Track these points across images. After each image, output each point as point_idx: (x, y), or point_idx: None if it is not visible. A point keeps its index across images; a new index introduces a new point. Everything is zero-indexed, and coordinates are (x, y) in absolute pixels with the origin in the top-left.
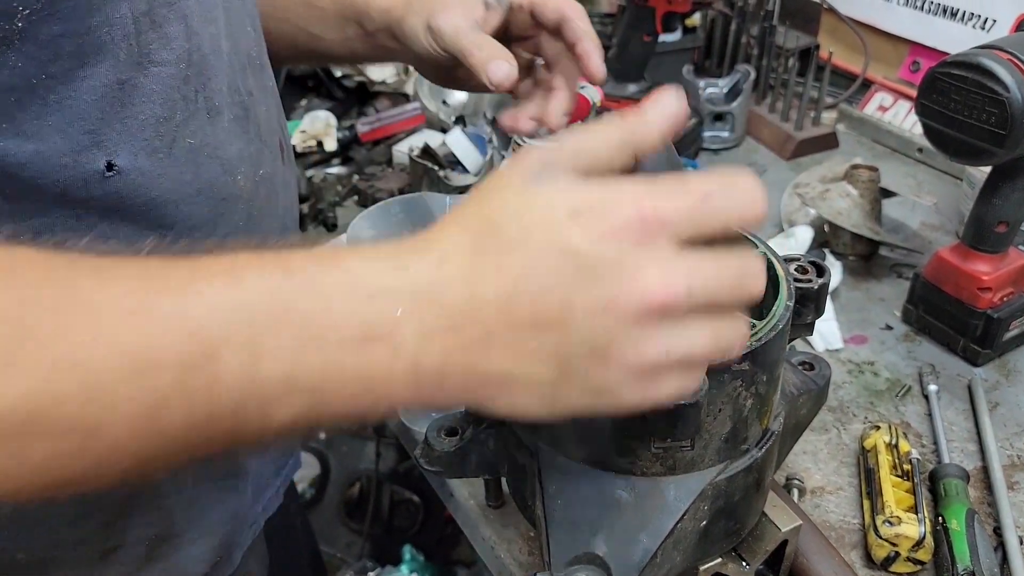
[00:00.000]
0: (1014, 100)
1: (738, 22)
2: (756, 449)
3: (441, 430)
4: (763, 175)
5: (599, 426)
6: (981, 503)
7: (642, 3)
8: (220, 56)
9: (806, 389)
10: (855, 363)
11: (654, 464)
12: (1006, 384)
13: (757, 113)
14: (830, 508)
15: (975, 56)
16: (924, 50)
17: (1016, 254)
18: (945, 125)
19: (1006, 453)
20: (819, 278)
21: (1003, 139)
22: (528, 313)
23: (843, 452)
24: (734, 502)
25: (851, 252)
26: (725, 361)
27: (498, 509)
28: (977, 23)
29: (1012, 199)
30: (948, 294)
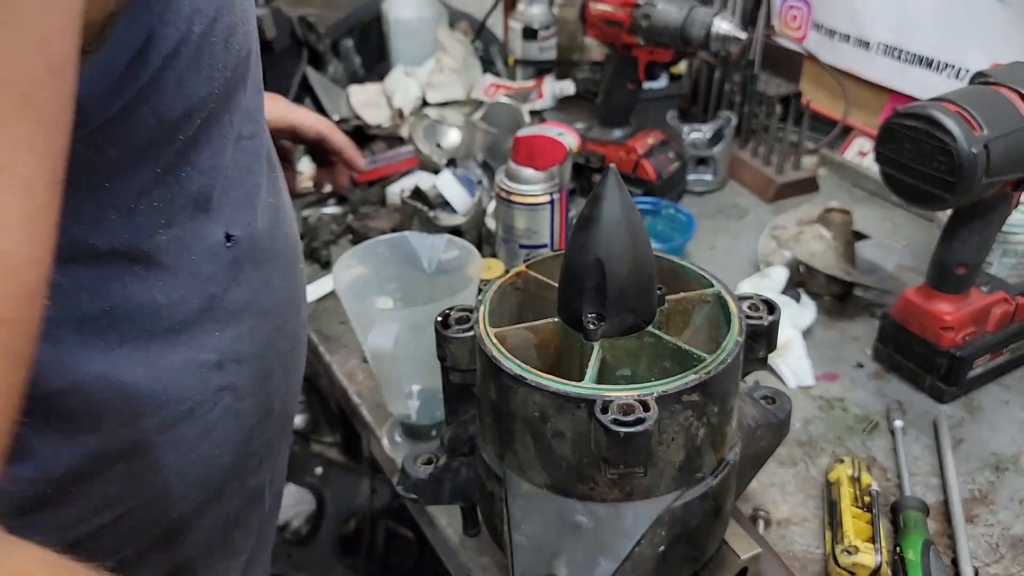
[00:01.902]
0: (961, 150)
1: (722, 70)
2: (712, 478)
3: (417, 459)
4: (745, 217)
5: (560, 453)
6: (941, 535)
7: (626, 53)
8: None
9: (765, 422)
10: (826, 399)
11: (612, 490)
12: (970, 421)
13: (740, 157)
14: (795, 539)
15: (925, 108)
16: (902, 98)
17: (977, 295)
18: (900, 172)
19: (967, 487)
20: (770, 316)
21: (953, 186)
22: None
23: (810, 485)
24: (692, 528)
25: (826, 292)
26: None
27: (474, 537)
28: (951, 73)
29: (970, 243)
30: (914, 333)
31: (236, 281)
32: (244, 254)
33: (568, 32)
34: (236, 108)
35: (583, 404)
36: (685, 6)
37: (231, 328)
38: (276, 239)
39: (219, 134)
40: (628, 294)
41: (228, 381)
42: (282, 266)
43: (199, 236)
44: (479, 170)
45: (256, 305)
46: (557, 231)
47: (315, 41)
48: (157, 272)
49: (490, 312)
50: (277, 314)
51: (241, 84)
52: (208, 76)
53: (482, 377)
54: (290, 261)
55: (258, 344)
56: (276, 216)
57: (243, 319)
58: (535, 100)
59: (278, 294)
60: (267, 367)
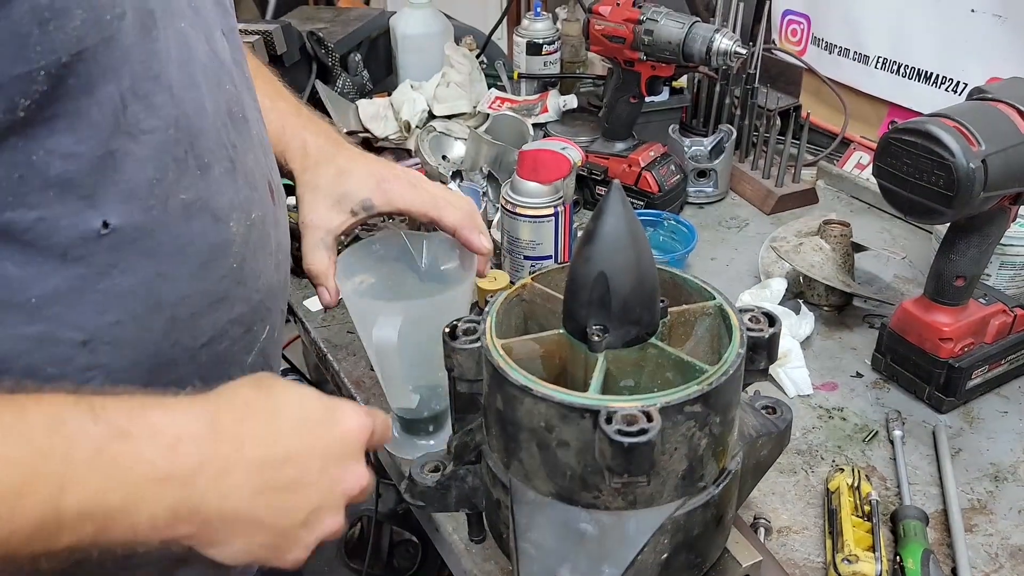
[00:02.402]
0: (959, 165)
1: (722, 84)
2: (713, 487)
3: (424, 466)
4: (745, 228)
5: (565, 462)
6: (940, 544)
7: (628, 68)
8: (205, 116)
9: (766, 431)
10: (825, 409)
11: (616, 499)
12: (969, 431)
13: (740, 170)
14: (796, 547)
15: (924, 123)
16: (901, 111)
17: (976, 306)
18: (898, 186)
19: (966, 497)
20: (770, 328)
21: (951, 200)
22: (283, 474)
23: (810, 494)
24: (694, 536)
25: (825, 303)
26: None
27: (480, 544)
28: (950, 86)
29: (968, 255)
30: (913, 344)
31: (118, 268)
32: (131, 243)
33: (571, 47)
34: (106, 98)
35: (588, 414)
36: (686, 23)
37: (108, 312)
38: (183, 235)
39: (84, 122)
40: (632, 306)
41: (97, 361)
42: (194, 262)
43: (69, 219)
44: (484, 182)
45: (147, 296)
46: (561, 243)
47: (324, 55)
48: (12, 247)
49: (497, 323)
50: (181, 307)
51: (106, 75)
52: (16, 55)
53: (489, 387)
54: (211, 257)
55: (147, 332)
56: (188, 213)
57: (126, 305)
58: (539, 113)
59: (184, 289)
60: (163, 356)
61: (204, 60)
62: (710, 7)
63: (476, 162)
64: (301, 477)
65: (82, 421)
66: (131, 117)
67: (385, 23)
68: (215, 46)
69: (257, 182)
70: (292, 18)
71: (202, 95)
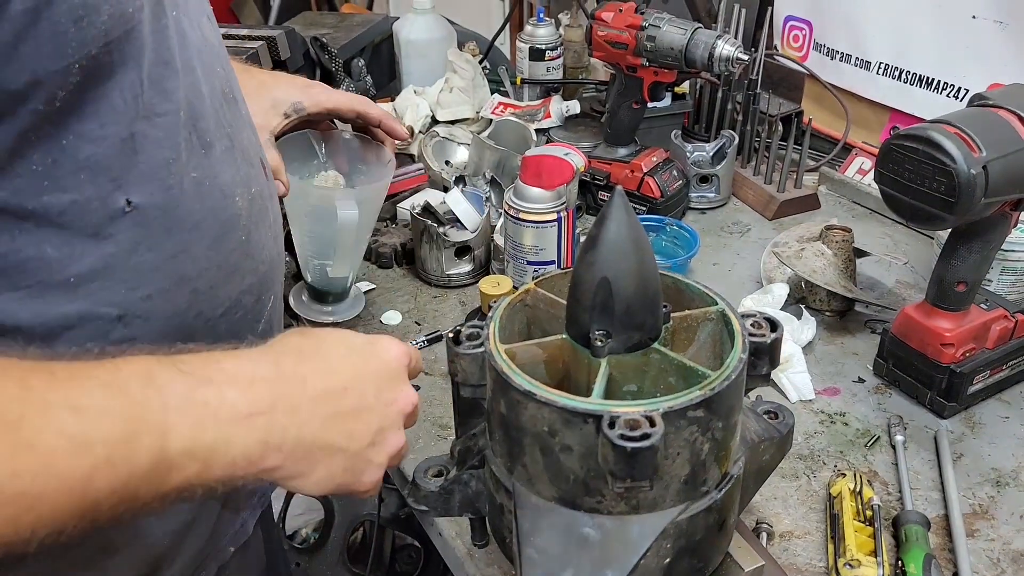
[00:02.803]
0: (960, 171)
1: (724, 90)
2: (716, 491)
3: (428, 471)
4: (747, 234)
5: (568, 467)
6: (942, 549)
7: (630, 73)
8: (203, 99)
9: (768, 436)
10: (827, 414)
11: (619, 503)
12: (971, 436)
13: (742, 175)
14: (798, 551)
15: (925, 130)
16: (903, 116)
17: (977, 312)
18: (900, 192)
19: (968, 502)
20: (772, 333)
21: (952, 206)
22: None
23: (812, 498)
24: (696, 541)
25: (827, 308)
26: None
27: (483, 548)
28: (951, 92)
29: (969, 261)
30: (915, 349)
31: (144, 245)
32: (153, 221)
33: (574, 53)
34: (128, 85)
35: (591, 419)
36: (688, 29)
37: (140, 288)
38: (197, 212)
39: (108, 107)
40: (634, 312)
41: (131, 335)
42: (209, 237)
43: (98, 200)
44: (487, 187)
45: (172, 270)
46: (564, 247)
47: (328, 61)
48: (49, 229)
49: (500, 329)
50: (201, 279)
51: (127, 64)
52: (56, 52)
53: (492, 392)
54: (223, 231)
55: (173, 305)
56: (200, 190)
57: (154, 281)
58: (542, 119)
59: (202, 262)
60: (187, 328)
61: (198, 44)
62: (712, 13)
63: (479, 167)
64: (360, 402)
65: (169, 373)
66: (148, 101)
67: (388, 28)
68: (204, 32)
69: (252, 158)
70: (296, 24)
71: (199, 79)
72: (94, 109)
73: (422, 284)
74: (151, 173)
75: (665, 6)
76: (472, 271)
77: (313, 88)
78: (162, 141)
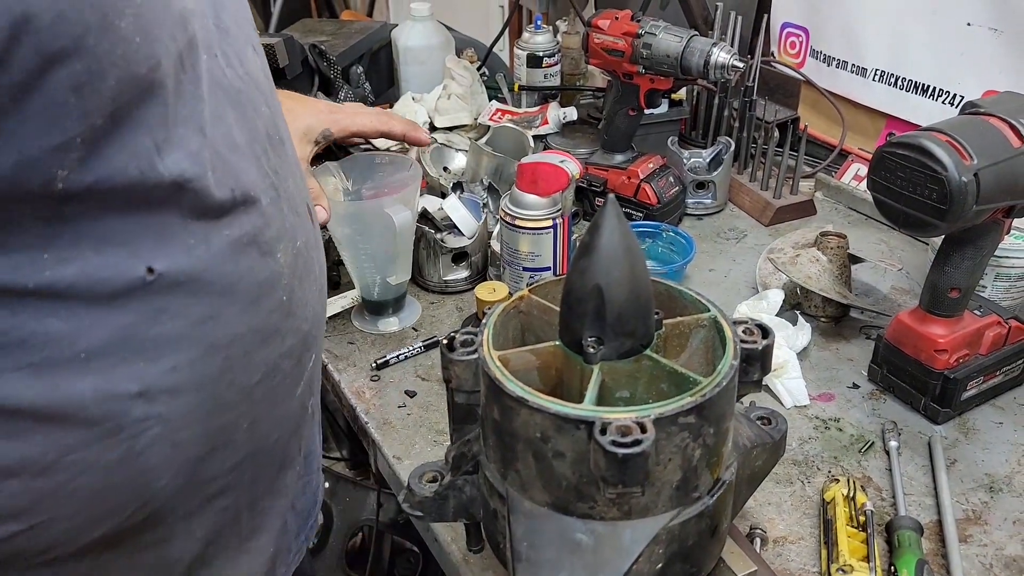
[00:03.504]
0: (952, 179)
1: (721, 97)
2: (708, 497)
3: (423, 477)
4: (743, 240)
5: (561, 473)
6: (935, 555)
7: (627, 81)
8: (238, 150)
9: (761, 442)
10: (822, 419)
11: (611, 509)
12: (964, 442)
13: (738, 181)
14: (791, 557)
15: (917, 138)
16: (899, 123)
17: (971, 318)
18: (893, 199)
19: (961, 508)
20: (764, 340)
21: (944, 213)
22: None
23: (806, 504)
24: (688, 546)
25: (822, 314)
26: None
27: (478, 553)
28: (947, 99)
29: (963, 267)
30: (908, 355)
31: (166, 313)
32: (176, 287)
33: (572, 60)
34: (142, 151)
35: (583, 425)
36: (684, 36)
37: (162, 360)
38: (230, 274)
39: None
40: (626, 318)
41: (156, 412)
42: (244, 300)
43: (110, 270)
44: (484, 193)
45: (200, 338)
46: (560, 254)
47: (326, 68)
48: (55, 302)
49: (494, 335)
50: (234, 346)
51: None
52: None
53: (486, 398)
54: (261, 293)
55: (202, 376)
56: (234, 250)
57: (180, 351)
58: (539, 125)
59: (235, 327)
60: (219, 399)
61: (237, 86)
62: (709, 20)
63: (477, 174)
64: None
65: None
66: (167, 164)
67: (387, 35)
68: (248, 67)
69: (299, 206)
70: (294, 31)
71: (230, 127)
72: (100, 180)
73: (419, 290)
74: (174, 237)
75: (662, 13)
76: (469, 277)
77: (338, 113)
78: (181, 203)
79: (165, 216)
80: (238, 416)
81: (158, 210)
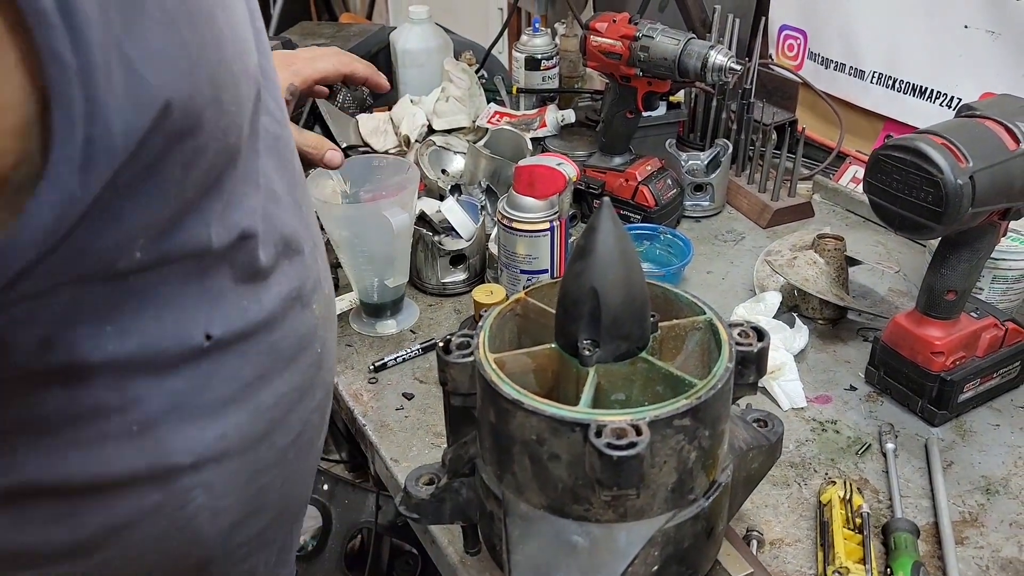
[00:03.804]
0: (948, 181)
1: (718, 99)
2: (703, 499)
3: (419, 479)
4: (741, 242)
5: (556, 475)
6: (932, 557)
7: (625, 83)
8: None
9: (756, 444)
10: (819, 421)
11: (606, 511)
12: (961, 444)
13: (736, 184)
14: (788, 559)
15: (913, 140)
16: (897, 125)
17: (967, 320)
18: (889, 202)
19: (957, 510)
20: (759, 342)
21: (940, 215)
22: None
23: (803, 506)
24: (684, 549)
25: (820, 316)
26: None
27: (475, 556)
28: (944, 101)
29: (959, 269)
30: (905, 358)
31: (217, 377)
32: (228, 350)
33: (570, 62)
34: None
35: (578, 428)
36: (682, 39)
37: (211, 427)
38: (277, 330)
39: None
40: (622, 321)
41: (204, 480)
42: (287, 356)
43: (170, 339)
44: (482, 195)
45: (247, 400)
46: (557, 256)
47: None
48: (109, 376)
49: (490, 338)
50: (278, 407)
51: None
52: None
53: (482, 401)
54: (301, 347)
55: (248, 440)
56: (283, 306)
57: (227, 416)
58: (537, 128)
59: (280, 387)
60: (259, 462)
61: (275, 131)
62: (706, 23)
63: (475, 176)
64: None
65: None
66: (227, 224)
67: (385, 38)
68: (279, 115)
69: (319, 240)
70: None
71: (272, 180)
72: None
73: (417, 292)
74: (228, 300)
75: (659, 16)
76: (467, 279)
77: (296, 63)
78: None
79: (221, 278)
80: (273, 478)
81: (215, 272)
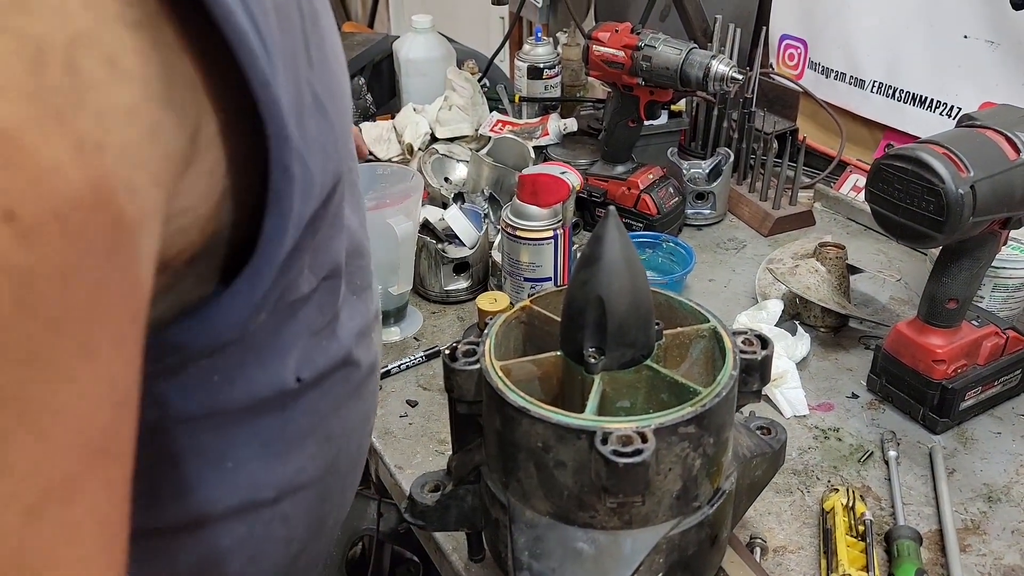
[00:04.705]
0: (949, 190)
1: (720, 108)
2: (708, 506)
3: (424, 486)
4: (743, 250)
5: (562, 482)
6: (935, 564)
7: (627, 92)
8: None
9: (760, 452)
10: (821, 429)
11: (612, 518)
12: (963, 452)
13: (738, 192)
14: (791, 566)
15: (914, 150)
16: (897, 134)
17: (968, 328)
18: (890, 211)
19: (960, 517)
20: (763, 350)
21: (941, 225)
22: None
23: (806, 513)
24: (688, 556)
25: (821, 324)
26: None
27: (479, 563)
28: (944, 110)
29: (960, 278)
30: (907, 366)
31: (298, 411)
32: (311, 387)
33: (572, 71)
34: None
35: (584, 435)
36: (683, 49)
37: (292, 460)
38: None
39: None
40: (627, 329)
41: (282, 513)
42: (353, 384)
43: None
44: (485, 204)
45: (321, 431)
46: (561, 264)
47: None
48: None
49: (496, 345)
50: (343, 438)
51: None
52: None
53: (487, 408)
54: (367, 375)
55: (319, 471)
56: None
57: (305, 447)
58: (540, 136)
59: (350, 419)
60: (326, 490)
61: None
62: (708, 33)
63: (478, 184)
64: None
65: None
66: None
67: (388, 47)
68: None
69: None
70: None
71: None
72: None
73: (421, 300)
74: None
75: (661, 26)
76: (470, 287)
77: None
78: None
79: (308, 320)
80: (334, 507)
81: (302, 314)
